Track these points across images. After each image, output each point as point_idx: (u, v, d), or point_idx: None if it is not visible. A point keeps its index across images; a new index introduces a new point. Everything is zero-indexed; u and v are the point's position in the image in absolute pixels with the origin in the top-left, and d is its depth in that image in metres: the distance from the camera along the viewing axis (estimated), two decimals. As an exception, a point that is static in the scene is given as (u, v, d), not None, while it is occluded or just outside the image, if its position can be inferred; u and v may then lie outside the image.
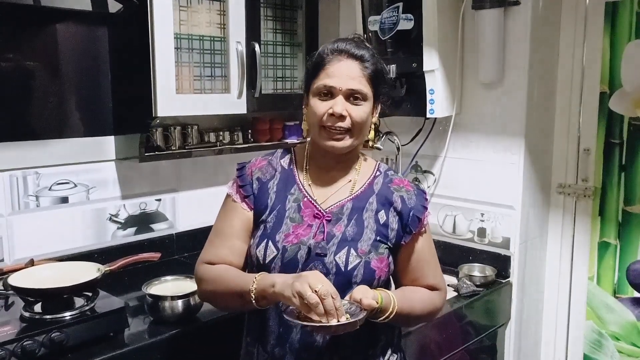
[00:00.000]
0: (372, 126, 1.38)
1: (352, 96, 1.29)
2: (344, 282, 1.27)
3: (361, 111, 1.30)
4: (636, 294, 2.17)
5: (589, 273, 2.28)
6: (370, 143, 1.44)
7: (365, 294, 1.19)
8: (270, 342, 1.31)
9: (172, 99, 1.89)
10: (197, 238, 2.29)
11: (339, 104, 1.27)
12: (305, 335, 1.28)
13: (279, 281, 1.17)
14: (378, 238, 1.32)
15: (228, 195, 1.39)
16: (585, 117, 2.21)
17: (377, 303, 1.20)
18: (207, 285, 1.33)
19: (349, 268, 1.28)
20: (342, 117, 1.28)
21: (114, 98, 2.03)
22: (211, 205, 2.34)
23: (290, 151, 1.44)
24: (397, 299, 1.25)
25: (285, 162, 1.41)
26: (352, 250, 1.29)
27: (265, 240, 1.31)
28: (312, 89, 1.32)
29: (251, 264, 1.35)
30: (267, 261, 1.29)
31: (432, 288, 1.38)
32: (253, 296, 1.20)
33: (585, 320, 2.30)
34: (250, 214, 1.36)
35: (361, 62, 1.29)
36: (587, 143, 2.22)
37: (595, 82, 2.18)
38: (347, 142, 1.31)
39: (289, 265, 1.28)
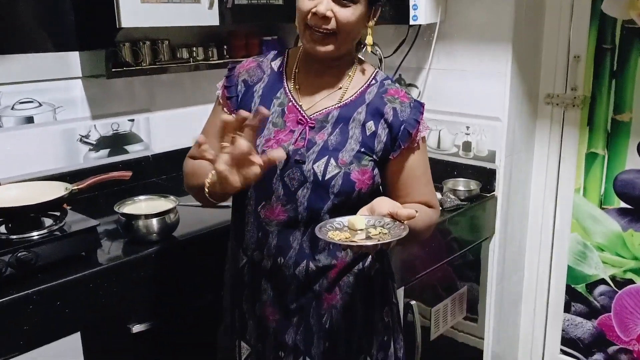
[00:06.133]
0: (369, 30, 1.28)
1: None
2: (321, 192, 1.23)
3: (349, 13, 1.19)
4: (622, 205, 2.15)
5: (575, 185, 2.25)
6: (369, 49, 1.33)
7: (394, 206, 1.09)
8: (250, 247, 1.31)
9: (136, 8, 1.76)
10: (175, 159, 2.22)
11: (324, 4, 1.17)
12: (282, 240, 1.26)
13: None
14: (362, 149, 1.25)
15: (217, 95, 1.37)
16: (576, 22, 2.11)
17: (416, 211, 1.11)
18: (185, 178, 1.34)
19: (326, 177, 1.22)
20: (326, 19, 1.18)
21: (75, 9, 1.90)
22: (189, 126, 2.27)
23: (284, 53, 1.36)
24: None
25: (276, 64, 1.34)
26: (332, 160, 1.23)
27: None
28: None
29: None
30: None
31: (424, 205, 1.32)
32: (207, 188, 1.15)
33: (570, 232, 2.29)
34: (232, 116, 1.31)
35: None
36: (577, 49, 2.13)
37: (587, -17, 2.07)
38: (330, 47, 1.22)
39: (267, 170, 1.21)
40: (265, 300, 1.31)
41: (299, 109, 1.28)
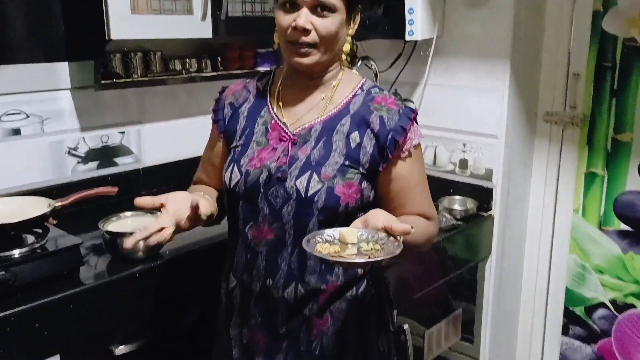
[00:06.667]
0: (349, 39, 1.25)
1: (319, 7, 1.16)
2: (306, 209, 1.20)
3: (328, 23, 1.17)
4: (623, 227, 2.11)
5: (574, 205, 2.20)
6: (346, 57, 1.29)
7: (389, 220, 1.05)
8: (239, 269, 1.29)
9: (127, 19, 1.72)
10: (166, 173, 2.19)
11: (303, 17, 1.16)
12: (270, 261, 1.23)
13: None
14: (347, 162, 1.21)
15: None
16: (576, 39, 2.08)
17: (412, 227, 1.06)
18: None
19: (309, 194, 1.19)
20: (306, 32, 1.16)
21: (65, 19, 1.86)
22: (181, 138, 2.23)
23: (270, 73, 1.36)
24: None
25: (261, 84, 1.34)
26: (315, 175, 1.20)
27: (232, 165, 1.27)
28: None
29: (224, 189, 1.32)
30: (232, 185, 1.25)
31: (421, 217, 1.28)
32: None
33: (569, 253, 2.24)
34: (220, 139, 1.35)
35: None
36: (577, 67, 2.09)
37: (588, 0, 2.02)
38: (314, 57, 1.20)
39: (251, 190, 1.23)
40: (254, 325, 1.28)
41: (282, 126, 1.26)
